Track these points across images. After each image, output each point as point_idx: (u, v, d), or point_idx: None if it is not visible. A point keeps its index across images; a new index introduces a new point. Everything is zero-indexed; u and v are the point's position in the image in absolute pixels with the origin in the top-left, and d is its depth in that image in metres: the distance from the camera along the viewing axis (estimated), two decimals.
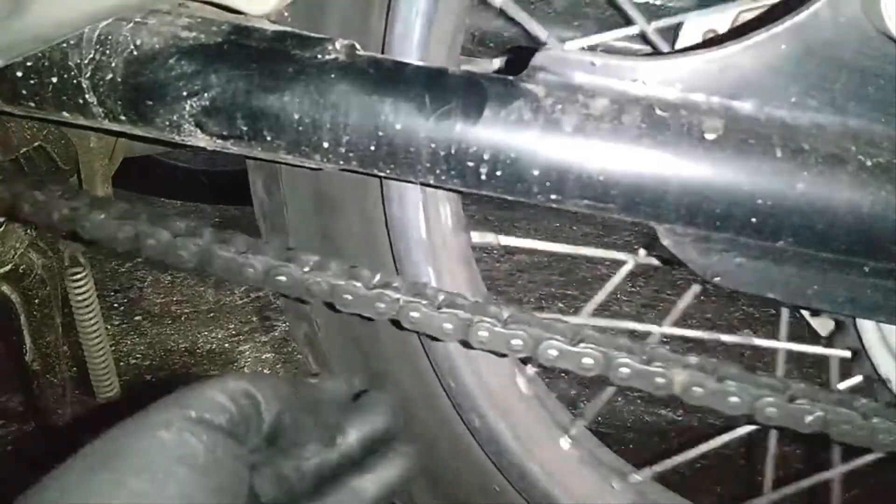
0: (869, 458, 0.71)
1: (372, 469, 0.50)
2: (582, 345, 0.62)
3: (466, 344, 0.64)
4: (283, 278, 0.65)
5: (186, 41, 0.59)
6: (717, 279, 0.59)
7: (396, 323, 0.65)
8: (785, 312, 0.77)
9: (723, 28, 0.70)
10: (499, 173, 0.56)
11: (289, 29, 0.62)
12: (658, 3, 0.87)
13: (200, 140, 0.61)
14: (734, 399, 0.60)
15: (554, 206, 0.58)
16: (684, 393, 0.60)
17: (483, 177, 0.57)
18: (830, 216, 0.53)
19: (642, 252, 0.78)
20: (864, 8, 0.52)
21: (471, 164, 0.56)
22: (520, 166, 0.56)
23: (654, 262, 0.77)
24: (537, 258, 2.04)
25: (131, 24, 0.60)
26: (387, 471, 0.50)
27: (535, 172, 0.56)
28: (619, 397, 1.61)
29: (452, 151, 0.56)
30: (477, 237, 0.76)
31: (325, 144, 0.58)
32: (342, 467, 0.49)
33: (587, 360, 0.62)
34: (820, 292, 0.58)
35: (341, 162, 0.59)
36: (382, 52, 0.65)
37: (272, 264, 0.65)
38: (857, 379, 0.75)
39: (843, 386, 0.76)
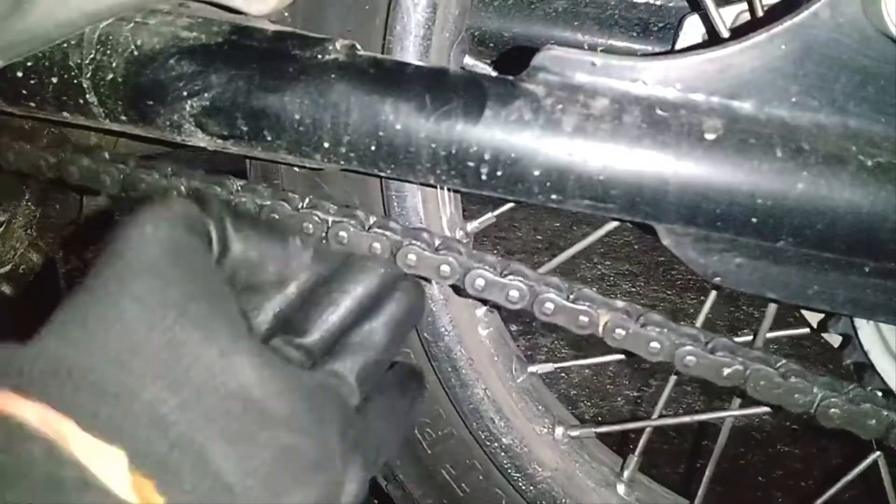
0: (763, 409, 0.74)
1: (375, 314, 0.49)
2: (510, 277, 0.61)
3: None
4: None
5: (187, 41, 0.59)
6: (717, 279, 0.60)
7: None
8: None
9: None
10: (499, 173, 0.56)
11: (289, 29, 0.62)
12: (658, 3, 0.87)
13: (201, 140, 0.61)
14: (655, 344, 0.60)
15: (554, 206, 0.58)
16: (607, 334, 0.60)
17: (483, 177, 0.57)
18: (830, 216, 0.53)
19: None
20: (864, 8, 0.52)
21: (471, 164, 0.56)
22: (520, 166, 0.56)
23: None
24: (537, 258, 2.04)
25: (132, 24, 0.60)
26: (391, 309, 0.50)
27: (536, 172, 0.56)
28: (619, 397, 1.61)
29: (453, 151, 0.56)
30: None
31: (326, 144, 0.58)
32: (346, 329, 0.49)
33: (513, 293, 0.61)
34: (820, 292, 0.58)
35: (342, 162, 0.59)
36: (383, 52, 0.65)
37: None
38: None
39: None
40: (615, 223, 0.73)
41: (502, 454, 0.79)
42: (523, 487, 0.80)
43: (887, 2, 0.51)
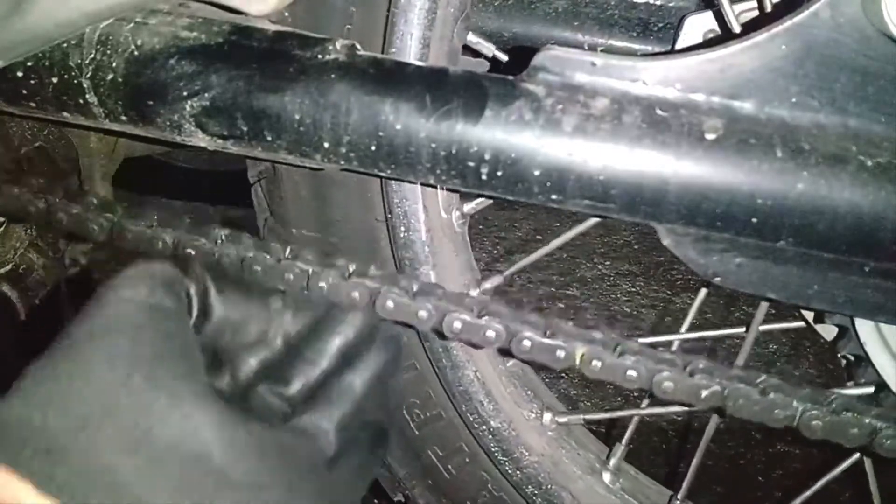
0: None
1: (354, 366, 0.50)
2: (486, 318, 0.60)
3: None
4: None
5: (187, 41, 0.59)
6: (717, 279, 0.60)
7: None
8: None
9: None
10: (500, 173, 0.56)
11: (289, 29, 0.62)
12: (658, 3, 0.87)
13: (201, 140, 0.61)
14: (631, 373, 0.59)
15: (555, 206, 0.58)
16: (584, 366, 0.60)
17: (484, 177, 0.57)
18: (831, 216, 0.53)
19: None
20: (864, 8, 0.52)
21: (471, 164, 0.56)
22: (520, 166, 0.56)
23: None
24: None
25: (132, 25, 0.60)
26: (369, 361, 0.51)
27: (536, 172, 0.56)
28: (619, 398, 1.61)
29: (453, 151, 0.56)
30: None
31: (326, 144, 0.58)
32: (326, 379, 0.49)
33: (490, 333, 0.60)
34: (820, 292, 0.58)
35: (342, 162, 0.59)
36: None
37: None
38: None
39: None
40: (596, 219, 0.72)
41: (490, 437, 0.79)
42: (509, 471, 0.80)
43: (887, 2, 0.51)
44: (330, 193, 0.73)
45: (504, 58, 0.77)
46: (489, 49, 0.75)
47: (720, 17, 0.68)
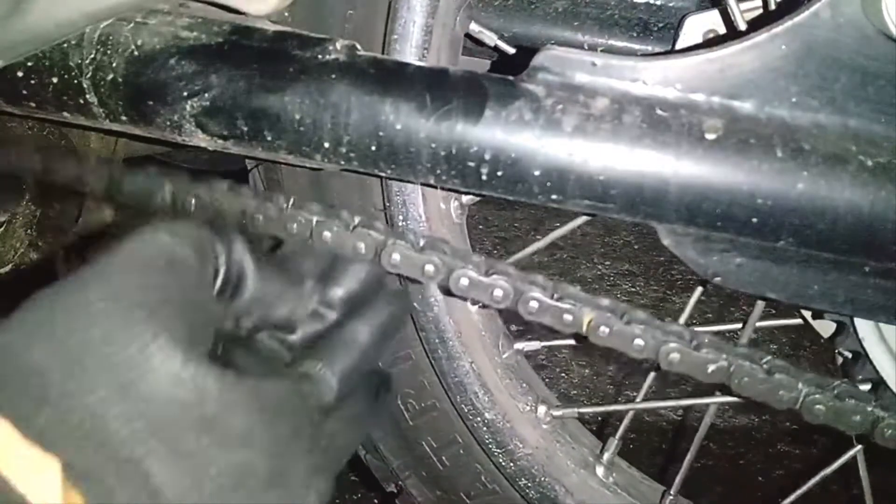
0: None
1: (359, 316, 0.49)
2: (494, 276, 0.60)
3: None
4: None
5: (187, 41, 0.59)
6: (717, 279, 0.60)
7: None
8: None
9: (723, 28, 0.70)
10: (500, 173, 0.56)
11: (289, 29, 0.62)
12: (658, 3, 0.87)
13: (201, 140, 0.61)
14: (639, 342, 0.59)
15: (555, 206, 0.58)
16: (591, 333, 0.59)
17: (484, 177, 0.57)
18: (831, 216, 0.53)
19: None
20: (864, 8, 0.52)
21: (472, 164, 0.56)
22: (521, 166, 0.56)
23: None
24: (537, 258, 2.04)
25: (132, 25, 0.60)
26: (376, 311, 0.50)
27: (536, 172, 0.56)
28: (620, 398, 1.61)
29: (453, 152, 0.56)
30: None
31: (326, 144, 0.58)
32: (331, 329, 0.49)
33: (498, 293, 0.60)
34: (820, 292, 0.58)
35: (342, 162, 0.59)
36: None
37: None
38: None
39: None
40: (585, 217, 0.72)
41: (484, 429, 0.79)
42: (503, 463, 0.79)
43: (887, 2, 0.51)
44: (328, 181, 0.73)
45: (506, 47, 0.76)
46: (491, 38, 0.75)
47: (725, 16, 0.68)
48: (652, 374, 0.84)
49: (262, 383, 0.40)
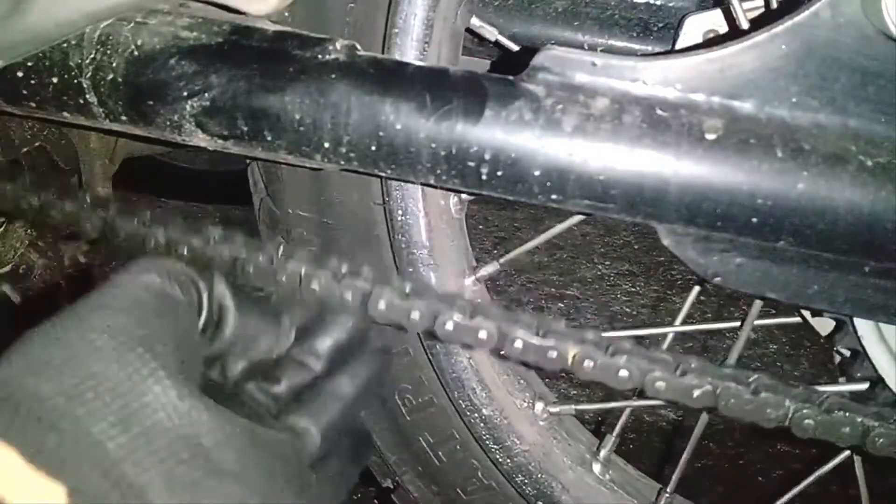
0: None
1: (344, 371, 0.50)
2: (479, 318, 0.59)
3: None
4: None
5: (187, 41, 0.59)
6: (717, 279, 0.60)
7: None
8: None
9: (723, 28, 0.70)
10: (500, 173, 0.56)
11: (289, 29, 0.62)
12: (658, 3, 0.87)
13: (201, 140, 0.61)
14: (623, 373, 0.58)
15: (555, 206, 0.58)
16: (576, 366, 0.59)
17: (484, 177, 0.57)
18: (831, 216, 0.53)
19: None
20: (864, 8, 0.52)
21: (472, 164, 0.56)
22: (521, 166, 0.56)
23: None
24: (537, 258, 2.04)
25: (132, 24, 0.60)
26: (359, 365, 0.50)
27: (536, 173, 0.56)
28: (620, 398, 1.61)
29: (453, 151, 0.56)
30: None
31: (326, 144, 0.58)
32: (315, 381, 0.49)
33: (482, 334, 0.59)
34: (820, 292, 0.58)
35: (342, 162, 0.59)
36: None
37: None
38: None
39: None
40: (580, 216, 0.72)
41: (481, 425, 0.79)
42: (500, 460, 0.80)
43: (887, 2, 0.51)
44: (328, 175, 0.73)
45: (507, 42, 0.76)
46: (492, 33, 0.75)
47: (727, 15, 0.68)
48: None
49: (256, 426, 0.41)
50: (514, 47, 0.76)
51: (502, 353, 0.60)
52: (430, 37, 0.66)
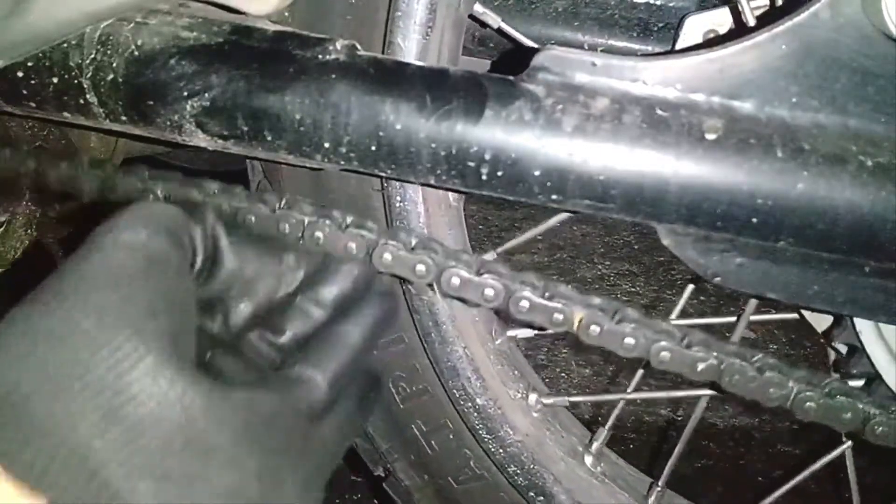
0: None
1: (349, 317, 0.48)
2: (485, 275, 0.59)
3: None
4: None
5: (187, 41, 0.59)
6: (717, 279, 0.60)
7: None
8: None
9: (723, 28, 0.70)
10: (500, 173, 0.56)
11: (289, 29, 0.62)
12: (658, 3, 0.87)
13: (201, 140, 0.61)
14: (629, 340, 0.58)
15: (555, 206, 0.58)
16: (582, 331, 0.59)
17: (484, 177, 0.57)
18: (831, 216, 0.53)
19: None
20: (864, 8, 0.52)
21: (472, 164, 0.56)
22: (521, 166, 0.56)
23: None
24: (537, 258, 2.04)
25: (132, 25, 0.60)
26: (365, 312, 0.49)
27: (536, 173, 0.56)
28: (614, 391, 1.61)
29: (453, 152, 0.56)
30: None
31: (326, 144, 0.58)
32: (321, 329, 0.48)
33: (489, 292, 0.60)
34: (820, 292, 0.58)
35: (342, 162, 0.59)
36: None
37: None
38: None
39: None
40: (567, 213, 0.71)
41: (475, 415, 0.78)
42: (492, 450, 0.79)
43: (887, 2, 0.51)
44: None
45: (510, 31, 0.76)
46: (495, 20, 0.75)
47: (734, 13, 0.68)
48: (641, 370, 0.84)
49: (250, 395, 0.39)
50: (517, 35, 0.75)
51: (510, 315, 0.60)
52: (433, 21, 0.65)
